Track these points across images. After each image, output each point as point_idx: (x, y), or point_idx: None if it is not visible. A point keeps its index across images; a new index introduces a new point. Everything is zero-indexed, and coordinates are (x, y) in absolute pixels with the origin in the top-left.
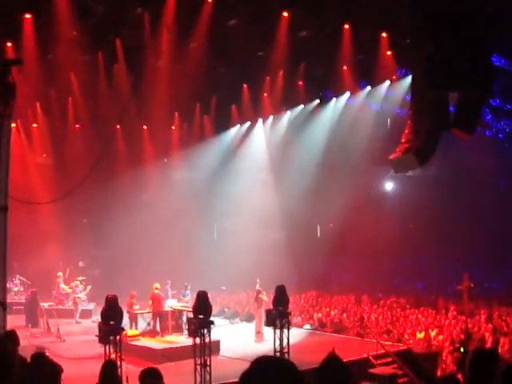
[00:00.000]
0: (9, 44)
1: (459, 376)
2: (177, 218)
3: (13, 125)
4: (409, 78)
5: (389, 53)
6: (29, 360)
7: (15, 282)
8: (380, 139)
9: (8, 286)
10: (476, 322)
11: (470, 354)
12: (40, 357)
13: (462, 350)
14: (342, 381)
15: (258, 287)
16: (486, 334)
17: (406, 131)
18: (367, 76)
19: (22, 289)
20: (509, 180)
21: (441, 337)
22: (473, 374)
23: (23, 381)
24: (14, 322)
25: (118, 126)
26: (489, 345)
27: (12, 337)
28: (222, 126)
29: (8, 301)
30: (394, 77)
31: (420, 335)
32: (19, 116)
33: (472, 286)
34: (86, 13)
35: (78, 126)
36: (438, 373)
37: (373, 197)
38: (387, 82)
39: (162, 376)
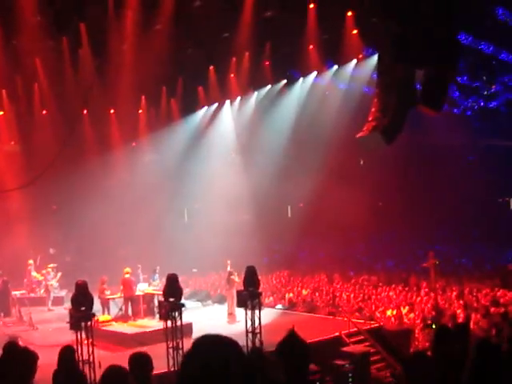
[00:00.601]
0: None
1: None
2: (146, 202)
3: None
4: (375, 57)
5: (355, 32)
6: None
7: None
8: (347, 118)
9: None
10: (447, 299)
11: (435, 331)
12: (12, 346)
13: (433, 326)
14: (302, 357)
15: (229, 268)
16: (458, 311)
17: (373, 109)
18: (334, 55)
19: None
20: (477, 157)
21: (412, 314)
22: (439, 349)
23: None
24: None
25: (84, 111)
26: (460, 320)
27: None
28: (189, 108)
29: None
30: (361, 55)
31: (391, 313)
32: None
33: (437, 263)
34: None
35: (44, 111)
36: (411, 350)
37: (342, 176)
38: (354, 61)
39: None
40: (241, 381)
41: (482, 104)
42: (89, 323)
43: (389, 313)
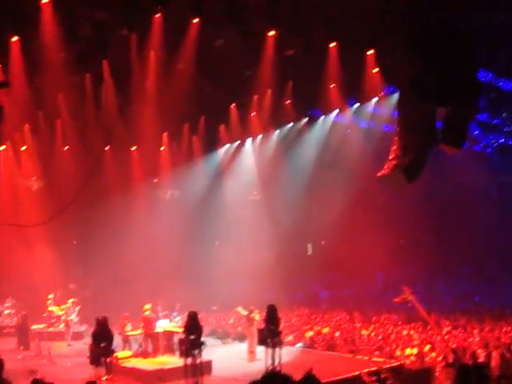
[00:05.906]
0: None
1: None
2: (167, 238)
3: (1, 147)
4: (396, 95)
5: (375, 70)
6: None
7: (6, 305)
8: (369, 156)
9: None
10: (467, 337)
11: (457, 371)
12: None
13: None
14: None
15: (250, 307)
16: (479, 350)
17: (394, 148)
18: (355, 93)
19: (13, 311)
20: (498, 193)
21: (434, 353)
22: None
23: None
24: (5, 344)
25: (106, 148)
26: (481, 359)
27: None
28: (211, 146)
29: None
30: (382, 94)
31: (412, 351)
32: (8, 139)
33: (409, 299)
34: (73, 35)
35: (66, 147)
36: None
37: (363, 214)
38: (375, 99)
39: None
40: None
41: (502, 141)
42: (108, 359)
43: (409, 351)
